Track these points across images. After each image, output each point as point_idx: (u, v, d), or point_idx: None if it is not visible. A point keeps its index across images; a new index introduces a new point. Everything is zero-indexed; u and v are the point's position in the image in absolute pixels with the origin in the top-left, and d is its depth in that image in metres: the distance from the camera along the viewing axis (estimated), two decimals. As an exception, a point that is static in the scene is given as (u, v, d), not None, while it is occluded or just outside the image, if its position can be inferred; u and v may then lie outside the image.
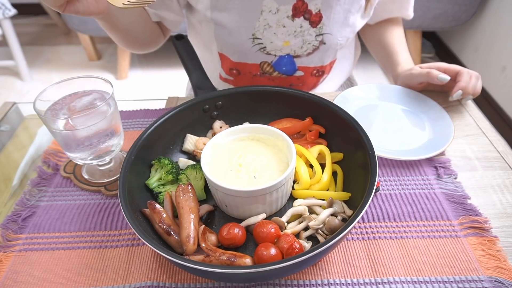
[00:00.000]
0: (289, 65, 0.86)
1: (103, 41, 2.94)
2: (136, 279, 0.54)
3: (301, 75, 0.89)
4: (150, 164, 0.65)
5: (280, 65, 0.86)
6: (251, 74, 0.89)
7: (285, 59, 0.85)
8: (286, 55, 0.84)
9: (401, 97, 0.84)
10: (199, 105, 0.70)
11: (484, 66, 2.15)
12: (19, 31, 2.54)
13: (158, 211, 0.55)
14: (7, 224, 0.63)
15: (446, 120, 0.76)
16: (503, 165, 0.70)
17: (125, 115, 0.85)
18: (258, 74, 0.89)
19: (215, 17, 0.80)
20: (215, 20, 0.80)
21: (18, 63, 2.51)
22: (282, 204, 0.61)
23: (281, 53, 0.84)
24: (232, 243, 0.54)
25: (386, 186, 0.67)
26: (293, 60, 0.85)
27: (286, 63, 0.86)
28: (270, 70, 0.87)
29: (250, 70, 0.88)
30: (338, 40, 0.83)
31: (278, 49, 0.83)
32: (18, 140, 0.84)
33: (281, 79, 0.90)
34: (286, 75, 0.88)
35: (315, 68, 0.88)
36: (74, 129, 0.60)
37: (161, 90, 2.47)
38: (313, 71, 0.89)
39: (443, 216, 0.61)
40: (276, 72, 0.87)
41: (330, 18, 0.79)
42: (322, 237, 0.55)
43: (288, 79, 0.90)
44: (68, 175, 0.71)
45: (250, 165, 0.60)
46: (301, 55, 0.84)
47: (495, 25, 2.07)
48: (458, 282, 0.52)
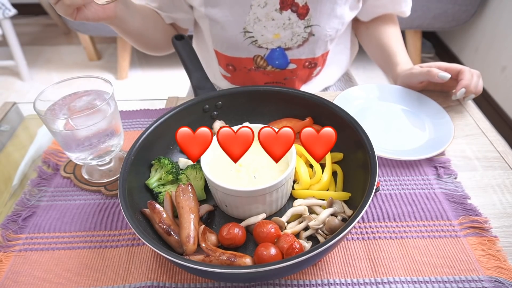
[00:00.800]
0: (281, 58, 0.88)
1: (103, 41, 2.94)
2: (136, 279, 0.54)
3: (294, 68, 0.90)
4: (150, 164, 0.65)
5: (272, 59, 0.88)
6: (246, 69, 0.91)
7: (277, 52, 0.87)
8: (277, 48, 0.86)
9: (401, 97, 0.84)
10: (199, 105, 0.70)
11: (484, 66, 2.15)
12: (19, 31, 2.54)
13: (158, 211, 0.55)
14: (7, 224, 0.63)
15: (446, 120, 0.76)
16: (503, 165, 0.70)
17: (125, 115, 0.85)
18: (253, 69, 0.91)
19: (208, 13, 0.82)
20: (209, 16, 0.83)
21: (18, 63, 2.51)
22: (282, 204, 0.61)
23: (273, 46, 0.86)
24: (232, 243, 0.54)
25: (386, 186, 0.67)
26: (284, 53, 0.87)
27: (279, 56, 0.88)
28: (264, 64, 0.89)
29: (245, 65, 0.90)
30: (327, 32, 0.84)
31: (269, 42, 0.85)
32: (18, 140, 0.84)
33: (275, 73, 0.92)
34: (280, 68, 0.90)
35: (307, 60, 0.89)
36: (74, 129, 0.60)
37: (161, 90, 2.47)
38: (305, 63, 0.90)
39: (443, 216, 0.61)
40: (270, 66, 0.89)
41: (317, 10, 0.81)
42: (322, 237, 0.55)
43: (282, 73, 0.91)
44: (68, 175, 0.71)
45: (250, 165, 0.60)
46: (292, 47, 0.86)
47: (495, 25, 2.07)
48: (458, 282, 0.52)
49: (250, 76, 0.93)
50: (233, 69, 0.92)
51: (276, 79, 0.93)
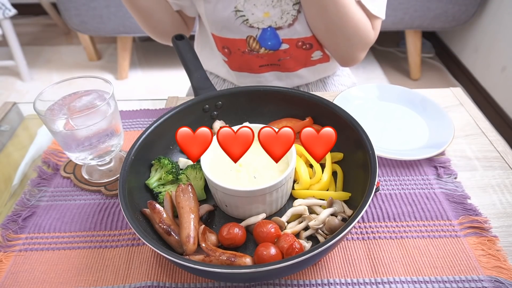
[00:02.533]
0: (273, 39, 0.89)
1: (103, 41, 2.94)
2: (136, 279, 0.54)
3: (286, 48, 0.91)
4: (150, 164, 0.65)
5: (265, 40, 0.89)
6: (240, 52, 0.92)
7: (268, 32, 0.87)
8: (268, 27, 0.87)
9: (401, 97, 0.84)
10: (199, 105, 0.70)
11: (484, 66, 2.16)
12: (19, 31, 2.54)
13: (158, 211, 0.55)
14: (7, 224, 0.63)
15: (446, 120, 0.76)
16: (503, 165, 0.70)
17: (125, 115, 0.85)
18: (247, 52, 0.91)
19: None
20: None
21: (18, 63, 2.51)
22: (282, 204, 0.61)
23: (263, 25, 0.87)
24: (232, 243, 0.54)
25: (386, 186, 0.67)
26: (276, 33, 0.88)
27: (270, 37, 0.88)
28: (257, 47, 0.90)
29: (238, 47, 0.91)
30: None
31: (260, 21, 0.86)
32: (18, 140, 0.84)
33: (269, 55, 0.92)
34: (273, 50, 0.91)
35: (299, 40, 0.89)
36: (74, 129, 0.60)
37: (161, 90, 2.47)
38: (298, 43, 0.90)
39: (443, 216, 0.61)
40: (263, 48, 0.90)
41: None
42: (322, 237, 0.56)
43: (275, 54, 0.92)
44: (68, 175, 0.71)
45: (250, 165, 0.60)
46: (283, 26, 0.87)
47: (495, 25, 2.07)
48: (458, 282, 0.52)
49: (245, 59, 0.94)
50: (229, 52, 0.93)
51: (271, 61, 0.94)
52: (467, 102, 0.85)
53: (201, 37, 1.03)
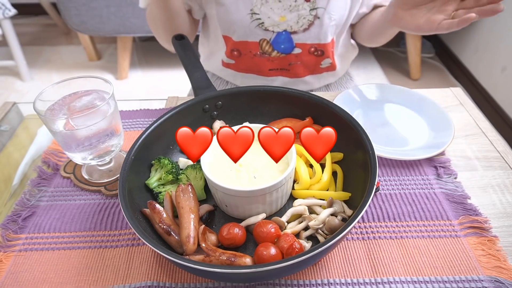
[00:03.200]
0: (287, 42, 0.89)
1: (103, 41, 2.94)
2: (136, 279, 0.54)
3: (299, 52, 0.91)
4: (150, 164, 0.65)
5: (278, 43, 0.89)
6: (251, 54, 0.92)
7: (283, 36, 0.88)
8: (283, 31, 0.87)
9: (401, 97, 0.84)
10: (199, 105, 0.70)
11: (484, 66, 2.16)
12: (19, 31, 2.54)
13: (158, 211, 0.55)
14: (7, 224, 0.63)
15: (446, 120, 0.76)
16: (503, 165, 0.70)
17: (125, 115, 0.85)
18: (258, 54, 0.91)
19: None
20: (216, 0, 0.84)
21: (18, 63, 2.51)
22: (282, 204, 0.61)
23: (279, 29, 0.87)
24: (232, 243, 0.54)
25: (386, 186, 0.67)
26: (290, 37, 0.88)
27: (284, 40, 0.89)
28: (269, 50, 0.90)
29: (250, 50, 0.91)
30: (332, 15, 0.85)
31: (275, 25, 0.86)
32: (18, 140, 0.84)
33: (280, 59, 0.92)
34: (285, 53, 0.91)
35: (313, 46, 0.90)
36: (74, 129, 0.60)
37: (161, 90, 2.47)
38: (311, 49, 0.91)
39: (443, 216, 0.61)
40: (275, 51, 0.90)
41: None
42: (322, 237, 0.56)
43: (287, 58, 0.92)
44: (68, 175, 0.71)
45: (250, 165, 0.60)
46: (298, 31, 0.87)
47: (495, 25, 2.07)
48: (458, 282, 0.52)
49: (255, 62, 0.93)
50: (238, 54, 0.93)
51: (281, 66, 0.94)
52: (467, 102, 0.85)
53: (205, 39, 1.03)
